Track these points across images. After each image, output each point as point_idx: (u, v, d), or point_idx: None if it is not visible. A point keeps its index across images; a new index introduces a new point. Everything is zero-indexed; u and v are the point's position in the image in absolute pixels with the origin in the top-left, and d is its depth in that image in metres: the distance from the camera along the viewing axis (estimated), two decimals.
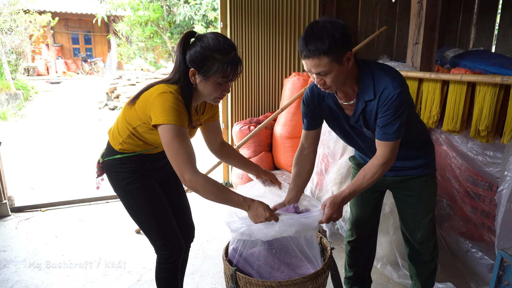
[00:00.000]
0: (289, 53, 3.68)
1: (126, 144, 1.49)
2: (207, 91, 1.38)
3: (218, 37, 1.33)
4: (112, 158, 1.52)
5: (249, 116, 3.79)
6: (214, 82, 1.35)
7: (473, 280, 2.03)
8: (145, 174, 1.54)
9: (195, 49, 1.33)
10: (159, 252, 1.59)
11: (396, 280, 2.23)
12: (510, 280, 1.21)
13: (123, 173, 1.51)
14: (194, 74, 1.36)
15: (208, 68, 1.32)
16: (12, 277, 2.32)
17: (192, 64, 1.34)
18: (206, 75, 1.34)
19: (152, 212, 1.53)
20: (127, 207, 1.57)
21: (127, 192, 1.53)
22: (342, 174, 2.43)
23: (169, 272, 1.61)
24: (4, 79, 9.19)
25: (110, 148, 1.54)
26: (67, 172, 4.57)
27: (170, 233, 1.56)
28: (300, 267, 1.54)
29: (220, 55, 1.31)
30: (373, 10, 3.86)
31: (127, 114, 1.45)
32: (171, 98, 1.32)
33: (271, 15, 3.56)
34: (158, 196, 1.56)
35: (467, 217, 2.16)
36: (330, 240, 2.67)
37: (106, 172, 1.58)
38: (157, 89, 1.35)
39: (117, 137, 1.50)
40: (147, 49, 12.79)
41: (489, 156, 1.92)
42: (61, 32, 16.03)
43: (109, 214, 3.28)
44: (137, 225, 1.60)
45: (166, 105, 1.30)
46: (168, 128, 1.30)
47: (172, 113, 1.30)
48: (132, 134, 1.46)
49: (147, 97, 1.37)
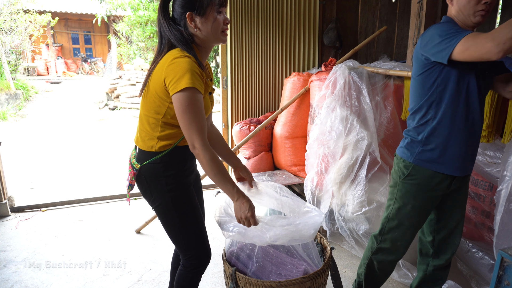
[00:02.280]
0: (289, 53, 3.68)
1: (163, 140, 1.40)
2: (210, 29, 1.34)
3: None
4: (152, 162, 1.41)
5: (249, 116, 3.79)
6: (213, 15, 1.32)
7: (474, 280, 2.03)
8: (184, 181, 1.47)
9: None
10: (189, 261, 1.52)
11: (396, 279, 2.23)
12: (510, 280, 1.21)
13: (165, 178, 1.42)
14: (192, 17, 1.32)
15: (201, 3, 1.30)
16: (12, 277, 2.32)
17: (184, 9, 1.31)
18: (203, 11, 1.31)
19: (193, 220, 1.47)
20: (165, 213, 1.47)
21: (168, 199, 1.43)
22: (342, 174, 2.43)
23: (192, 281, 1.56)
24: (4, 79, 9.19)
25: (146, 153, 1.43)
26: (67, 172, 4.56)
27: (204, 243, 1.52)
28: (298, 268, 1.54)
29: None
30: (373, 10, 3.86)
31: (150, 105, 1.37)
32: (185, 62, 1.26)
33: (271, 15, 3.56)
34: (197, 203, 1.51)
35: (467, 217, 2.16)
36: (330, 240, 2.67)
37: (144, 178, 1.45)
38: (167, 58, 1.29)
39: (152, 137, 1.41)
40: (147, 49, 12.77)
41: (489, 156, 1.92)
42: (61, 32, 16.02)
43: (109, 214, 3.28)
44: (171, 232, 1.50)
45: (182, 70, 1.24)
46: (185, 94, 1.24)
47: (189, 76, 1.24)
48: (164, 123, 1.38)
49: (159, 69, 1.31)
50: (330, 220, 2.60)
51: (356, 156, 2.39)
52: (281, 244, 1.37)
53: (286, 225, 1.35)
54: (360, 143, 2.39)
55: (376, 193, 2.31)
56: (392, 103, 2.54)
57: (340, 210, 2.47)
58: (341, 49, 3.86)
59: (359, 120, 2.43)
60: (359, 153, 2.39)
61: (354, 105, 2.47)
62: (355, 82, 2.50)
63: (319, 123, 2.62)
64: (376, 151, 2.35)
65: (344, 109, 2.46)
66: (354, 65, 2.63)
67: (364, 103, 2.47)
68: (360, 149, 2.38)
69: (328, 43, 3.75)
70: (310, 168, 2.77)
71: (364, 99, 2.47)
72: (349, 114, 2.44)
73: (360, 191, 2.34)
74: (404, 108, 2.48)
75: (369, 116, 2.42)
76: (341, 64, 2.61)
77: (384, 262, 1.76)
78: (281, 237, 1.34)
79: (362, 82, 2.49)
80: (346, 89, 2.49)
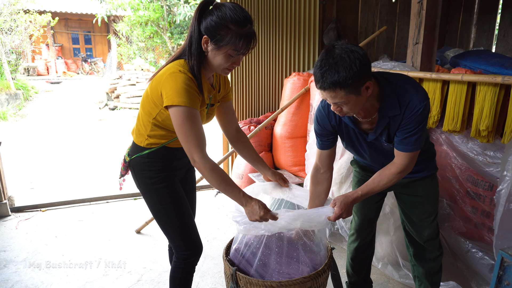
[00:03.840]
0: (289, 53, 3.68)
1: (151, 138, 1.47)
2: (217, 61, 1.36)
3: (236, 7, 1.31)
4: (139, 156, 1.50)
5: (249, 116, 3.78)
6: (225, 53, 1.33)
7: (474, 280, 2.03)
8: (170, 174, 1.54)
9: (211, 17, 1.31)
10: (179, 252, 1.58)
11: (397, 280, 2.23)
12: (510, 280, 1.21)
13: (150, 172, 1.50)
14: (206, 42, 1.34)
15: (221, 38, 1.30)
16: (12, 277, 2.32)
17: (206, 31, 1.32)
18: (218, 45, 1.32)
19: (177, 212, 1.53)
20: (150, 205, 1.56)
21: (153, 191, 1.52)
22: (342, 174, 2.43)
23: (185, 272, 1.61)
24: (4, 79, 9.19)
25: (136, 146, 1.53)
26: (67, 172, 4.57)
27: (191, 234, 1.57)
28: (301, 268, 1.54)
29: (234, 26, 1.29)
30: (373, 10, 3.86)
31: (146, 105, 1.44)
32: (182, 78, 1.30)
33: (271, 15, 3.56)
34: (182, 196, 1.57)
35: (468, 217, 2.16)
36: (330, 240, 2.67)
37: (132, 170, 1.57)
38: (168, 69, 1.34)
39: (142, 133, 1.49)
40: (147, 49, 12.79)
41: (489, 156, 1.92)
42: (61, 32, 16.03)
43: (109, 214, 3.28)
44: (158, 223, 1.59)
45: (177, 86, 1.29)
46: (179, 110, 1.29)
47: (183, 94, 1.28)
48: (154, 124, 1.44)
49: (159, 77, 1.36)
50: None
51: None
52: (294, 228, 1.41)
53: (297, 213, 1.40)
54: None
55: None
56: None
57: None
58: None
59: None
60: None
61: None
62: None
63: None
64: None
65: None
66: None
67: None
68: None
69: (328, 43, 3.75)
70: (310, 168, 2.77)
71: None
72: None
73: None
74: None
75: None
76: None
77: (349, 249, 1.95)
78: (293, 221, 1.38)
79: None
80: None
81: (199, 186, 3.83)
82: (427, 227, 1.71)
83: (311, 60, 3.75)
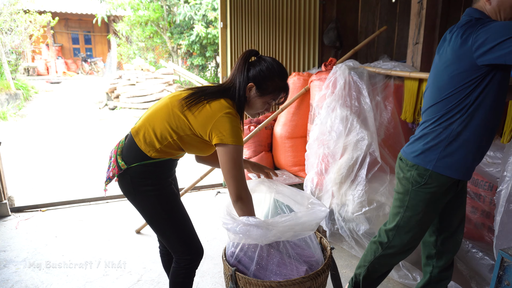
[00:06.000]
0: (289, 53, 3.68)
1: (161, 152, 1.46)
2: (256, 106, 1.51)
3: (277, 62, 1.49)
4: (142, 164, 1.46)
5: (249, 116, 3.78)
6: (266, 100, 1.49)
7: (474, 280, 2.03)
8: (168, 180, 1.54)
9: (260, 67, 1.45)
10: (180, 257, 1.57)
11: (396, 280, 2.23)
12: (510, 280, 1.21)
13: (152, 179, 1.48)
14: (251, 88, 1.46)
15: (267, 87, 1.46)
16: (12, 277, 2.32)
17: (253, 79, 1.45)
18: (262, 93, 1.47)
19: (178, 218, 1.54)
20: (149, 212, 1.53)
21: (154, 198, 1.49)
22: (342, 174, 2.43)
23: (187, 277, 1.61)
24: (4, 79, 9.19)
25: (140, 154, 1.46)
26: (67, 172, 4.56)
27: (192, 239, 1.57)
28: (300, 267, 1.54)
29: (279, 79, 1.47)
30: (373, 10, 3.86)
31: (173, 120, 1.43)
32: (236, 120, 1.42)
33: (271, 15, 3.56)
34: (180, 202, 1.58)
35: (468, 217, 2.16)
36: (330, 240, 2.67)
37: (128, 178, 1.49)
38: (221, 107, 1.41)
39: (154, 143, 1.45)
40: (147, 49, 12.78)
41: (489, 156, 1.92)
42: (61, 32, 16.03)
43: (109, 214, 3.28)
44: (157, 230, 1.56)
45: (233, 127, 1.39)
46: (234, 149, 1.39)
47: (237, 135, 1.40)
48: (174, 142, 1.45)
49: (209, 113, 1.40)
50: (330, 220, 2.60)
51: (356, 156, 2.39)
52: (286, 239, 1.42)
53: (289, 221, 1.38)
54: (360, 143, 2.39)
55: (376, 193, 2.31)
56: (393, 103, 2.53)
57: (340, 210, 2.47)
58: (341, 49, 3.86)
59: (359, 120, 2.43)
60: (359, 153, 2.39)
61: (354, 105, 2.47)
62: (355, 82, 2.50)
63: (319, 123, 2.62)
64: (376, 151, 2.35)
65: (344, 109, 2.46)
66: (354, 65, 2.63)
67: (364, 103, 2.47)
68: (360, 149, 2.38)
69: (328, 43, 3.75)
70: (310, 168, 2.77)
71: (364, 99, 2.47)
72: (349, 114, 2.44)
73: (360, 191, 2.34)
74: (404, 108, 2.48)
75: (369, 116, 2.42)
76: (341, 64, 2.61)
77: (388, 264, 1.76)
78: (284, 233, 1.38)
79: (362, 82, 2.49)
80: (346, 89, 2.49)
81: (199, 186, 3.83)
82: (461, 231, 1.69)
83: (311, 60, 3.75)
